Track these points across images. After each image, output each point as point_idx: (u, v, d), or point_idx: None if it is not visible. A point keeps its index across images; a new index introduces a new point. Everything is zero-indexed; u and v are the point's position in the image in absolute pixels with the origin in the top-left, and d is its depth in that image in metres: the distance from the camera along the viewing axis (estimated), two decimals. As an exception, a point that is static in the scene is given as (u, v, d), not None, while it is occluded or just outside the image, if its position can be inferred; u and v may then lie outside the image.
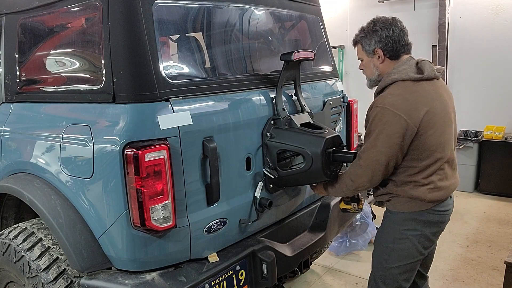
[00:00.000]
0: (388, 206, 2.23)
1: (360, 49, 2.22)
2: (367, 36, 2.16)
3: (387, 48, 2.13)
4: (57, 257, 2.00)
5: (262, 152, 2.30)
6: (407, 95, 2.03)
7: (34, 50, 2.36)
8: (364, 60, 2.23)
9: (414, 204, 2.10)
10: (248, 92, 2.27)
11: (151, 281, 1.84)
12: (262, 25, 2.60)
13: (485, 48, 5.93)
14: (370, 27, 2.16)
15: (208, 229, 2.04)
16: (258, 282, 2.18)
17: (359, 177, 2.11)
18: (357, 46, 2.24)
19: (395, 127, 1.99)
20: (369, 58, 2.20)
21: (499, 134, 5.62)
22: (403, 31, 2.14)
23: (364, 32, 2.18)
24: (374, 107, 2.07)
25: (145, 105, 1.83)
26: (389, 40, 2.11)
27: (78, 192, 1.96)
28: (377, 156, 2.03)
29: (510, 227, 4.66)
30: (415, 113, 2.00)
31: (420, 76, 2.08)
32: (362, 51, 2.21)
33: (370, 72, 2.23)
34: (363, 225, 4.05)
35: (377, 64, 2.18)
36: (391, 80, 2.10)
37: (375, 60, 2.18)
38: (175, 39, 2.49)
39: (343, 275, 3.76)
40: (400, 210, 2.15)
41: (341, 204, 2.55)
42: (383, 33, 2.11)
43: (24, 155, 2.24)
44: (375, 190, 2.28)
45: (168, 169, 1.80)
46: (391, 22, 2.13)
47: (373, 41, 2.14)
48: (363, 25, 2.21)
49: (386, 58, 2.15)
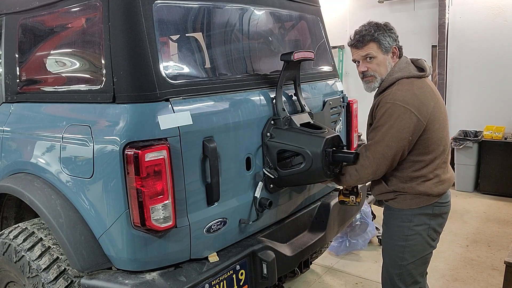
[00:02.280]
0: (393, 204, 2.25)
1: (375, 46, 2.14)
2: (385, 34, 2.14)
3: (399, 47, 2.20)
4: (57, 257, 2.00)
5: (262, 152, 2.30)
6: (415, 90, 2.09)
7: (35, 50, 2.36)
8: (378, 58, 2.16)
9: (421, 199, 2.16)
10: (248, 92, 2.27)
11: (151, 281, 1.85)
12: (262, 25, 2.61)
13: (485, 48, 5.93)
14: (383, 25, 2.17)
15: (208, 229, 2.04)
16: (258, 282, 2.18)
17: (364, 168, 2.14)
18: (370, 44, 2.14)
19: (406, 122, 2.03)
20: (385, 55, 2.16)
21: (498, 134, 5.62)
22: None
23: (380, 29, 2.14)
24: (384, 103, 2.11)
25: (145, 105, 1.84)
26: (398, 40, 2.20)
27: (79, 192, 1.96)
28: (384, 150, 2.07)
29: (510, 227, 4.66)
30: (424, 108, 2.06)
31: (423, 73, 2.17)
32: (378, 49, 2.15)
33: (384, 70, 2.18)
34: (363, 225, 4.05)
35: (391, 62, 2.19)
36: (395, 78, 2.13)
37: (389, 58, 2.18)
38: (175, 39, 2.49)
39: (343, 275, 3.76)
40: (407, 207, 2.19)
41: (340, 196, 2.57)
42: (396, 32, 2.19)
43: (24, 155, 2.24)
44: (377, 189, 2.30)
45: (168, 169, 1.80)
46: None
47: (392, 38, 2.16)
48: (370, 24, 2.17)
49: (395, 57, 2.20)
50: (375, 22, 2.20)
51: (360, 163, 2.15)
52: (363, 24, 2.21)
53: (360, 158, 2.15)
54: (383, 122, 2.08)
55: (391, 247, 2.27)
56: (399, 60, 2.20)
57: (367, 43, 2.15)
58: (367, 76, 2.21)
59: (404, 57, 2.23)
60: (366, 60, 2.19)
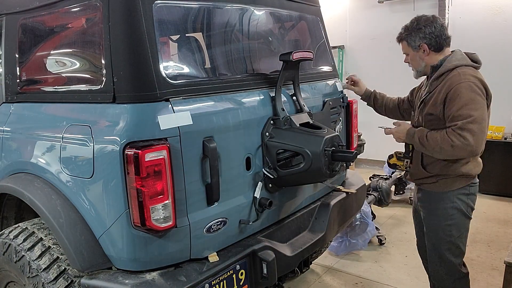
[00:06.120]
0: (434, 188, 2.51)
1: (405, 45, 2.51)
2: (412, 34, 2.45)
3: (431, 42, 2.42)
4: (58, 256, 2.00)
5: (262, 152, 2.30)
6: (476, 74, 2.33)
7: (35, 50, 2.36)
8: (410, 55, 2.52)
9: (461, 181, 2.45)
10: (248, 92, 2.27)
11: (151, 281, 1.85)
12: (262, 26, 2.61)
13: (485, 48, 5.89)
14: (414, 25, 2.45)
15: (208, 229, 2.05)
16: (258, 282, 2.18)
17: (466, 146, 2.22)
18: (402, 43, 2.53)
19: (482, 98, 2.27)
20: (414, 52, 2.49)
21: (498, 134, 5.62)
22: (443, 26, 2.43)
23: (408, 30, 2.47)
24: (457, 84, 2.27)
25: (145, 105, 1.84)
26: (432, 35, 2.41)
27: (79, 192, 1.96)
28: (482, 125, 2.23)
29: (509, 227, 4.66)
30: (486, 88, 2.32)
31: (478, 65, 2.42)
32: (408, 47, 2.50)
33: (417, 64, 2.52)
34: (362, 225, 4.05)
35: (423, 57, 2.47)
36: (454, 65, 2.36)
37: (421, 53, 2.47)
38: (175, 39, 2.49)
39: (343, 275, 3.77)
40: (449, 189, 2.46)
41: (392, 159, 2.69)
42: (426, 30, 2.41)
43: (24, 155, 2.25)
44: (417, 175, 2.54)
45: (168, 169, 1.81)
46: (432, 20, 2.42)
47: (418, 37, 2.43)
48: (407, 24, 2.49)
49: (430, 51, 2.44)
50: (412, 21, 2.48)
51: (460, 141, 2.22)
52: None
53: (456, 138, 2.23)
54: (465, 101, 2.23)
55: (438, 227, 2.53)
56: (455, 51, 2.42)
57: (400, 42, 2.56)
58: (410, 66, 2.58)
59: (458, 50, 2.44)
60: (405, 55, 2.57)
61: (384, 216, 5.06)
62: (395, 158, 2.71)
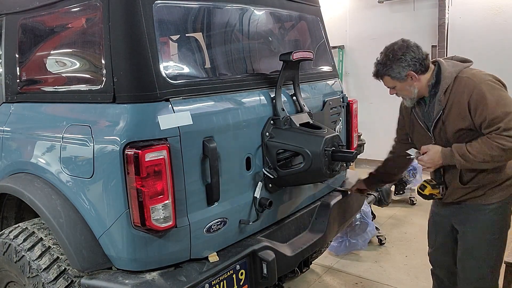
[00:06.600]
0: (481, 201, 2.28)
1: (389, 80, 2.29)
2: (393, 66, 2.23)
3: (416, 67, 2.23)
4: (58, 256, 2.00)
5: (262, 152, 2.30)
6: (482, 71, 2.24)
7: (35, 50, 2.36)
8: (397, 86, 2.30)
9: (509, 189, 2.27)
10: (248, 92, 2.27)
11: (151, 281, 1.85)
12: (262, 26, 2.61)
13: (485, 48, 5.92)
14: (390, 57, 2.23)
15: (208, 229, 2.05)
16: (258, 282, 2.18)
17: None
18: (384, 79, 2.30)
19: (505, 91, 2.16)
20: (402, 83, 2.27)
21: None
22: (417, 46, 2.26)
23: (386, 64, 2.25)
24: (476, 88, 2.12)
25: (146, 105, 1.84)
26: (415, 60, 2.22)
27: (79, 192, 1.96)
28: None
29: (509, 227, 4.65)
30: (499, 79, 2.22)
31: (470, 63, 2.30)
32: (393, 80, 2.28)
33: (409, 93, 2.30)
34: (362, 225, 4.05)
35: (413, 84, 2.26)
36: (455, 72, 2.22)
37: (410, 81, 2.26)
38: (175, 39, 2.50)
39: (343, 275, 3.77)
40: (497, 199, 2.26)
41: (427, 189, 2.39)
42: (407, 57, 2.21)
43: (24, 155, 2.25)
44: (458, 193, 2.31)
45: (168, 169, 1.81)
46: (406, 45, 2.23)
47: (401, 67, 2.22)
48: (378, 59, 2.29)
49: (419, 75, 2.24)
50: (385, 53, 2.26)
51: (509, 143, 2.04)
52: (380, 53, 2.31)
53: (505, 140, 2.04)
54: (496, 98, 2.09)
55: (484, 244, 2.31)
56: (440, 62, 2.27)
57: (381, 78, 2.32)
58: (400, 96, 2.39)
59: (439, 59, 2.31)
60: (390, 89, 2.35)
61: (384, 216, 5.06)
62: (430, 187, 2.39)
